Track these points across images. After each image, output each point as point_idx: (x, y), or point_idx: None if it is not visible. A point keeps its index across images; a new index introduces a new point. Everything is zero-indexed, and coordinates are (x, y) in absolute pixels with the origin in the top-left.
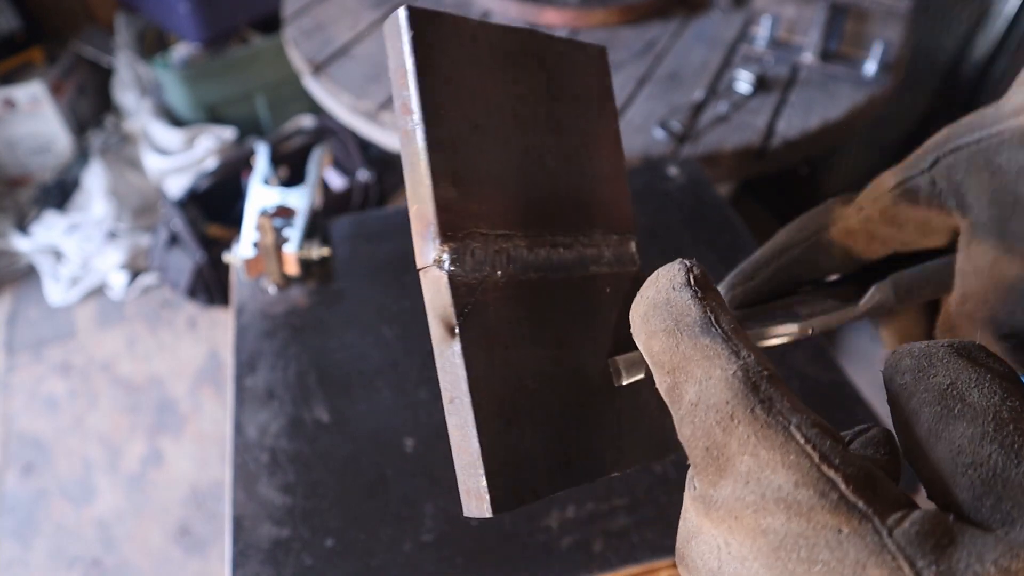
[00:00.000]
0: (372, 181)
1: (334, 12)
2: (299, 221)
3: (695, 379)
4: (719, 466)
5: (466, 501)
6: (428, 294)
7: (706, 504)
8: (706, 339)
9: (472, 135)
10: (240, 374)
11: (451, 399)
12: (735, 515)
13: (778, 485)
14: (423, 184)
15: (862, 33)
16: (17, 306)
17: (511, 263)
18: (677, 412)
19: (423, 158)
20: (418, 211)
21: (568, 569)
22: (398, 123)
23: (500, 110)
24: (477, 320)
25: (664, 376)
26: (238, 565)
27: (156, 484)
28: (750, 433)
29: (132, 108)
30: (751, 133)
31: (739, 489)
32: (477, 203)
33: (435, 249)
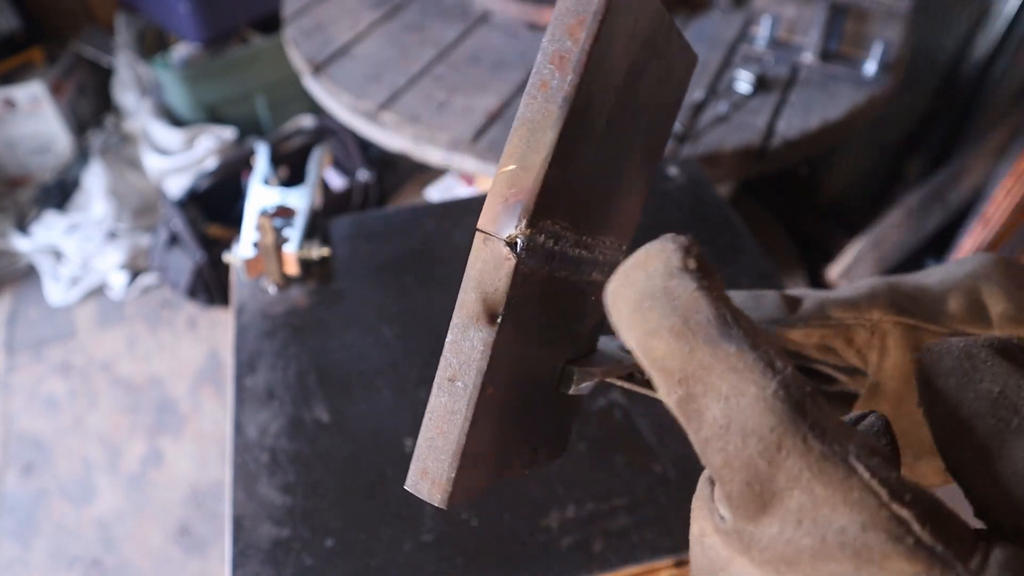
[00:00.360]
0: (372, 181)
1: (334, 12)
2: (299, 221)
3: (719, 395)
4: (763, 501)
5: (417, 478)
6: (480, 265)
7: (744, 541)
8: (729, 346)
9: (596, 116)
10: (240, 374)
11: (453, 379)
12: (787, 560)
13: (841, 527)
14: (539, 153)
15: (862, 33)
16: (17, 306)
17: (558, 260)
18: (697, 432)
19: (554, 125)
20: (514, 175)
21: (568, 569)
22: (539, 74)
23: (618, 97)
24: (516, 313)
25: (673, 386)
26: (238, 565)
27: (156, 484)
28: (803, 467)
29: (132, 108)
30: (751, 133)
31: (790, 530)
32: (568, 192)
33: (514, 227)
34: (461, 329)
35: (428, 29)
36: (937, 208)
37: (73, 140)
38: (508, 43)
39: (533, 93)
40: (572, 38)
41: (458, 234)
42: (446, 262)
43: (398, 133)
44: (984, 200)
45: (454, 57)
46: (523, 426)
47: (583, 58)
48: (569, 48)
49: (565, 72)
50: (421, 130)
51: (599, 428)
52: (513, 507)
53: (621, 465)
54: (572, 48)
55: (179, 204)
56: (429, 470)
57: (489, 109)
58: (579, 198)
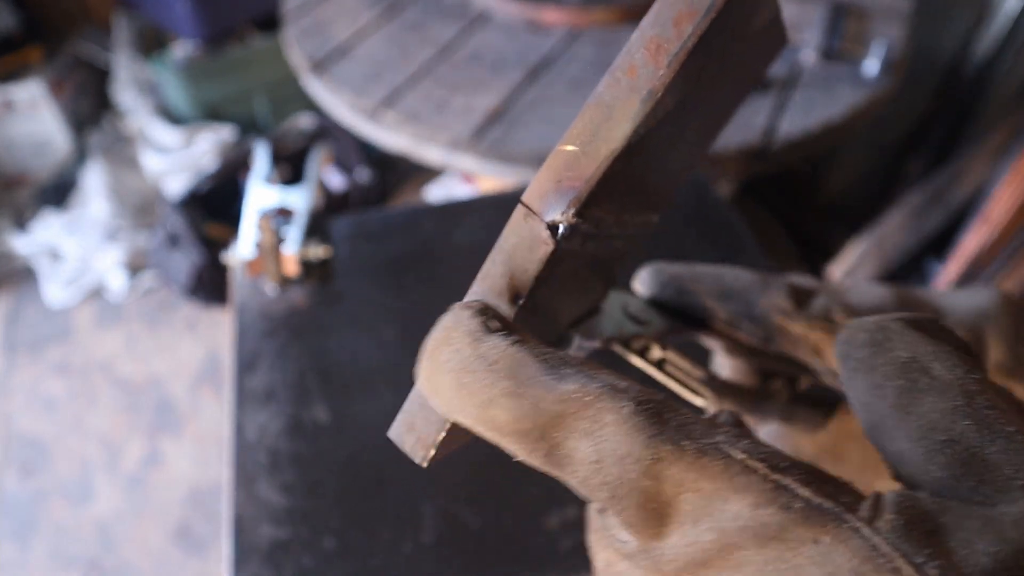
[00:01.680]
0: (372, 181)
1: (334, 11)
2: (299, 221)
3: (580, 433)
4: (659, 516)
5: (403, 431)
6: (515, 240)
7: (654, 558)
8: (569, 385)
9: (676, 106)
10: (240, 374)
11: None
12: (698, 562)
13: (735, 513)
14: (609, 144)
15: (863, 33)
16: (16, 306)
17: (593, 241)
18: (574, 476)
19: (633, 118)
20: (574, 159)
21: (568, 570)
22: (630, 55)
23: (701, 87)
24: (536, 294)
25: (533, 444)
26: (238, 566)
27: (155, 484)
28: (684, 470)
29: (131, 107)
30: (751, 133)
31: (691, 533)
32: (622, 181)
33: (561, 212)
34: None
35: (428, 28)
36: (938, 208)
37: (72, 139)
38: (508, 43)
39: (618, 76)
40: (676, 29)
41: (458, 234)
42: (446, 262)
43: (398, 132)
44: (985, 199)
45: (454, 56)
46: None
47: (682, 55)
48: (670, 39)
49: (659, 64)
50: (421, 129)
51: None
52: (513, 507)
53: None
54: (674, 40)
55: (178, 204)
56: (416, 427)
57: (489, 108)
58: (631, 185)
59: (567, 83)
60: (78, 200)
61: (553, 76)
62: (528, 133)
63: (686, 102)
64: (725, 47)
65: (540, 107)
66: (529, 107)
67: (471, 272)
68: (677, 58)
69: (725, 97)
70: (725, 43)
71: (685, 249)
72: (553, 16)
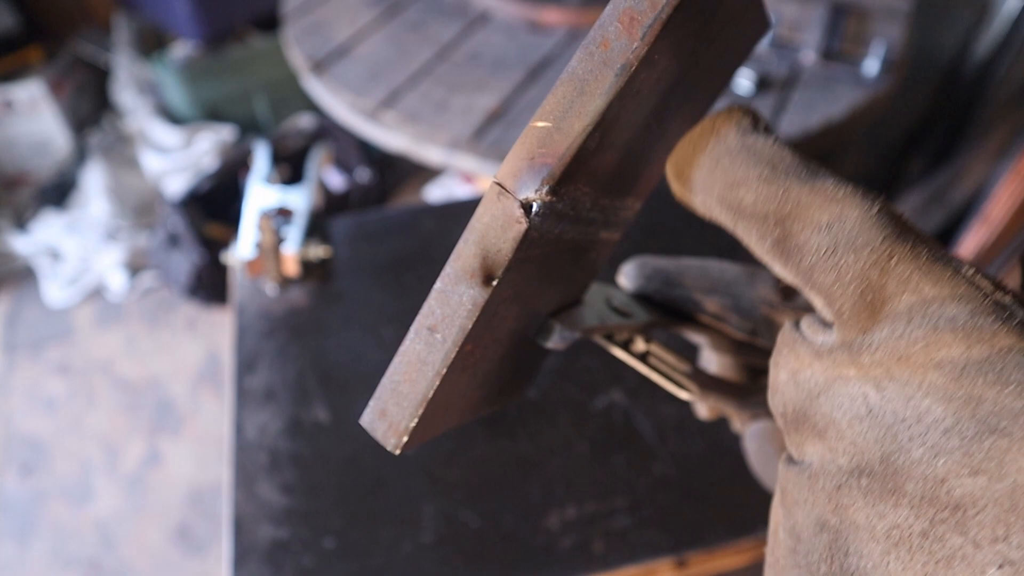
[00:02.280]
0: (372, 181)
1: (334, 11)
2: (299, 221)
3: (820, 224)
4: (874, 309)
5: (375, 417)
6: (487, 219)
7: (853, 351)
8: (823, 182)
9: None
10: (240, 374)
11: (433, 330)
12: (898, 355)
13: (951, 316)
14: (581, 119)
15: (863, 32)
16: (16, 306)
17: (571, 223)
18: (799, 263)
19: (606, 93)
20: (547, 135)
21: (568, 570)
22: (603, 28)
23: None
24: (513, 275)
25: (768, 229)
26: (238, 566)
27: (155, 485)
28: (912, 270)
29: (131, 107)
30: None
31: (901, 327)
32: (598, 158)
33: (534, 190)
34: (452, 280)
35: (428, 28)
36: (938, 208)
37: (71, 139)
38: (508, 43)
39: (591, 49)
40: (650, 0)
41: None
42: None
43: (398, 132)
44: (985, 199)
45: (454, 56)
46: (492, 374)
47: (656, 27)
48: (644, 10)
49: (633, 37)
50: (421, 129)
51: (599, 428)
52: (513, 508)
53: (621, 465)
54: (648, 11)
55: (178, 204)
56: (388, 413)
57: (489, 108)
58: (608, 165)
59: None
60: (78, 200)
61: (553, 76)
62: None
63: (664, 80)
64: (702, 23)
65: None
66: (529, 107)
67: None
68: (652, 30)
69: (706, 79)
70: (702, 18)
71: (683, 248)
72: (553, 16)
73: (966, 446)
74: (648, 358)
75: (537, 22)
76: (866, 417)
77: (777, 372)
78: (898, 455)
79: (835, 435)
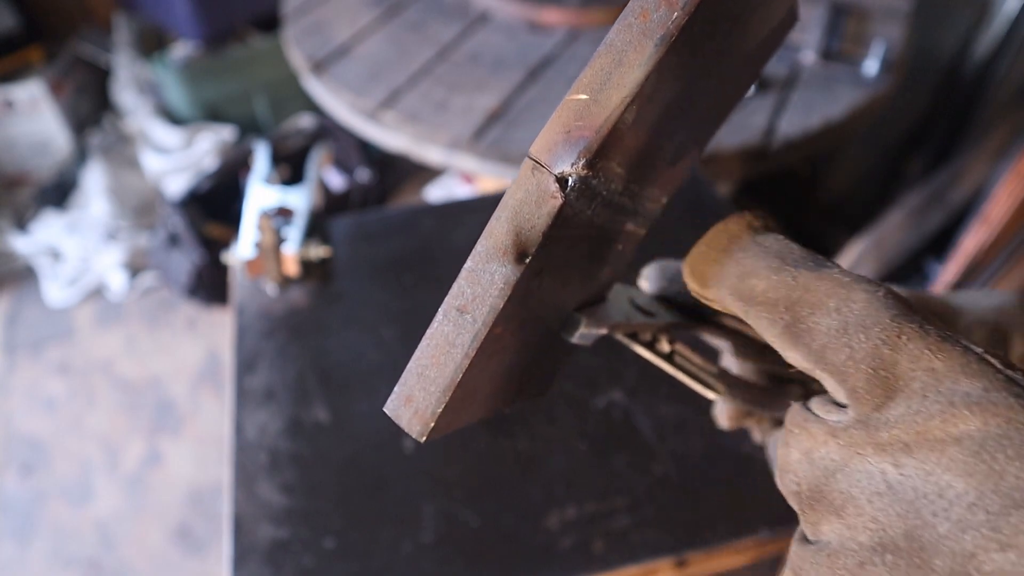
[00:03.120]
0: (372, 181)
1: (334, 11)
2: (299, 221)
3: (830, 308)
4: (888, 386)
5: (400, 404)
6: (521, 195)
7: (869, 428)
8: (829, 270)
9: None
10: (240, 374)
11: (463, 310)
12: (915, 431)
13: (966, 391)
14: (620, 91)
15: (863, 32)
16: (16, 306)
17: (602, 204)
18: (810, 345)
19: (645, 64)
20: (584, 108)
21: (568, 569)
22: (642, 1)
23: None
24: (545, 253)
25: (778, 314)
26: (238, 566)
27: (155, 484)
28: (923, 347)
29: (131, 107)
30: (751, 133)
31: (917, 404)
32: (633, 136)
33: (570, 164)
34: (484, 259)
35: (428, 28)
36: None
37: (72, 139)
38: (508, 43)
39: (630, 20)
40: None
41: (458, 234)
42: (446, 262)
43: (398, 132)
44: (985, 199)
45: (454, 56)
46: (517, 365)
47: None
48: None
49: (673, 7)
50: (421, 129)
51: (599, 428)
52: (513, 508)
53: (621, 465)
54: None
55: (178, 204)
56: (415, 399)
57: (489, 108)
58: (641, 144)
59: (567, 83)
60: (78, 200)
61: (553, 76)
62: (528, 133)
63: (699, 62)
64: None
65: (540, 107)
66: (529, 107)
67: None
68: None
69: (735, 68)
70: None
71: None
72: (553, 16)
73: (993, 521)
74: (675, 357)
75: (537, 22)
76: (886, 493)
77: (788, 452)
78: (923, 530)
79: (854, 512)
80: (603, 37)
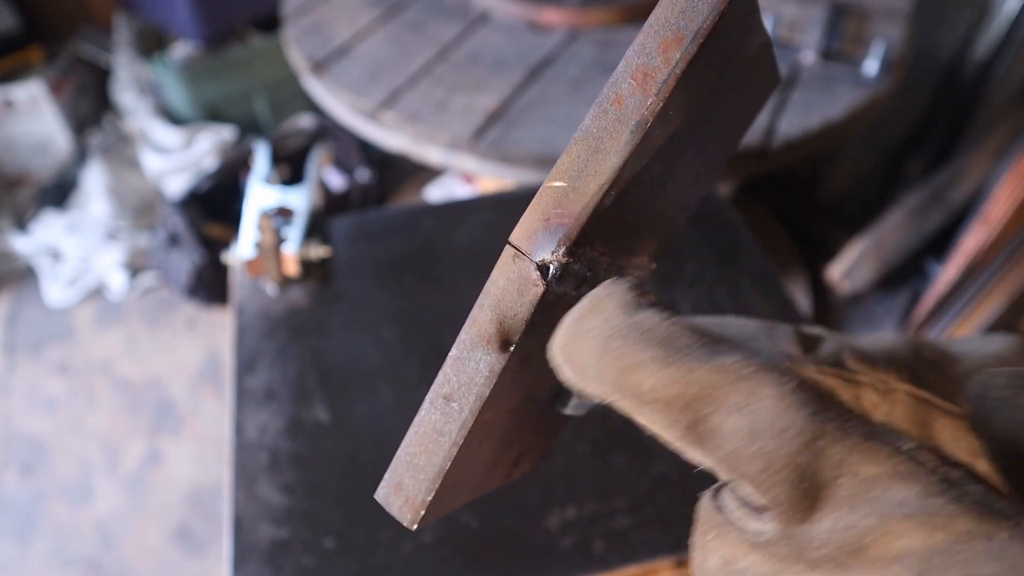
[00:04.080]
0: (372, 181)
1: (334, 11)
2: (299, 221)
3: (732, 406)
4: (811, 496)
5: (390, 491)
6: (503, 283)
7: (795, 545)
8: (727, 358)
9: (665, 140)
10: (240, 374)
11: (449, 399)
12: (850, 548)
13: (900, 500)
14: (597, 178)
15: (863, 33)
16: (16, 306)
17: (589, 283)
18: (717, 450)
19: (621, 150)
20: (563, 195)
21: (568, 569)
22: (616, 86)
23: (692, 121)
24: (530, 340)
25: (676, 415)
26: (238, 566)
27: (155, 484)
28: (846, 452)
29: (131, 107)
30: (751, 133)
31: (847, 517)
32: (614, 217)
33: (550, 252)
34: (468, 347)
35: (428, 28)
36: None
37: (72, 139)
38: (508, 43)
39: (605, 106)
40: (664, 56)
41: (458, 234)
42: (446, 262)
43: (398, 132)
44: (985, 200)
45: (454, 56)
46: (510, 444)
47: (671, 82)
48: (658, 67)
49: (647, 93)
50: (421, 129)
51: (599, 428)
52: (513, 508)
53: (621, 465)
54: (662, 67)
55: (178, 204)
56: (404, 487)
57: (489, 109)
58: (624, 223)
59: (567, 83)
60: (78, 200)
61: (553, 76)
62: (528, 133)
63: (678, 137)
64: (715, 78)
65: (540, 107)
66: (529, 107)
67: (471, 272)
68: (666, 86)
69: (719, 135)
70: (715, 74)
71: (685, 249)
72: (553, 16)
73: None
74: None
75: (537, 22)
76: None
77: (705, 557)
78: None
79: None
80: (603, 37)
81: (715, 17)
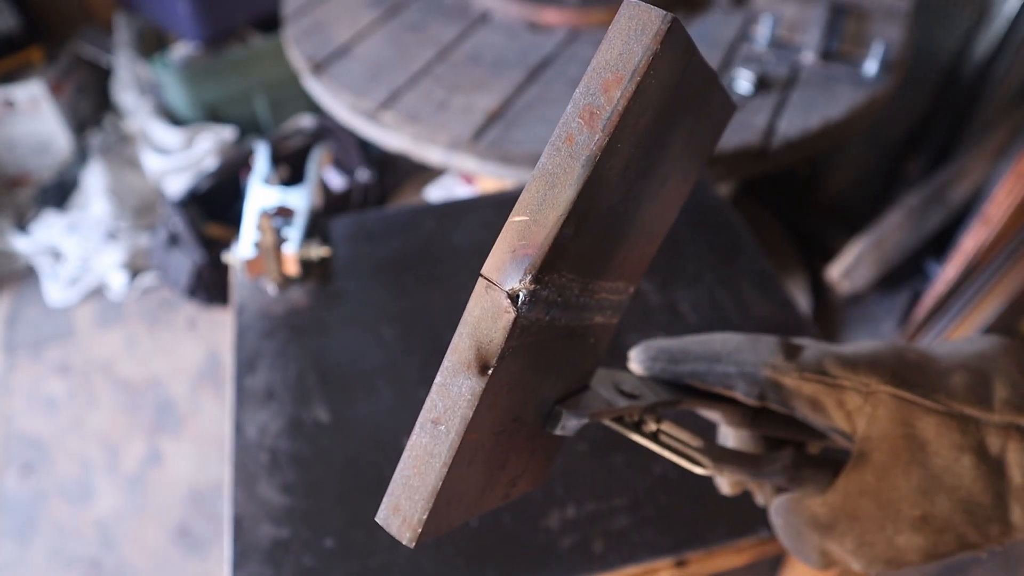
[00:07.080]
0: (372, 181)
1: (334, 11)
2: (299, 221)
3: None
4: None
5: (389, 513)
6: (478, 312)
7: None
8: None
9: (620, 170)
10: (240, 374)
11: (437, 422)
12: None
13: None
14: (555, 210)
15: (863, 33)
16: (16, 306)
17: (561, 309)
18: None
19: (574, 183)
20: (525, 228)
21: (568, 569)
22: (567, 126)
23: (646, 151)
24: (508, 364)
25: None
26: (238, 565)
27: (155, 484)
28: None
29: (131, 108)
30: (751, 133)
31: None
32: (580, 245)
33: (519, 280)
34: (451, 373)
35: (428, 29)
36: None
37: (72, 140)
38: (508, 43)
39: (557, 145)
40: (606, 95)
41: (458, 234)
42: (446, 262)
43: (398, 133)
44: (985, 200)
45: (454, 57)
46: (503, 464)
47: (614, 118)
48: (602, 105)
49: (594, 130)
50: (421, 130)
51: (599, 428)
52: (513, 507)
53: (621, 465)
54: (604, 106)
55: (178, 204)
56: (402, 508)
57: (489, 109)
58: (591, 250)
59: (567, 83)
60: (79, 200)
61: (553, 76)
62: (528, 133)
63: (634, 164)
64: (662, 111)
65: (540, 107)
66: (529, 107)
67: (471, 272)
68: (610, 122)
69: (678, 161)
70: (661, 107)
71: (684, 250)
72: (553, 16)
73: None
74: (660, 436)
75: (537, 22)
76: None
77: None
78: None
79: None
80: (603, 38)
81: (649, 58)
